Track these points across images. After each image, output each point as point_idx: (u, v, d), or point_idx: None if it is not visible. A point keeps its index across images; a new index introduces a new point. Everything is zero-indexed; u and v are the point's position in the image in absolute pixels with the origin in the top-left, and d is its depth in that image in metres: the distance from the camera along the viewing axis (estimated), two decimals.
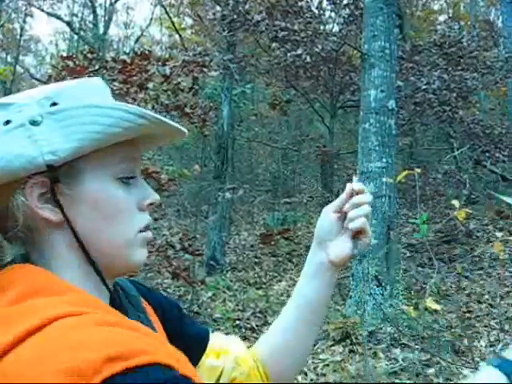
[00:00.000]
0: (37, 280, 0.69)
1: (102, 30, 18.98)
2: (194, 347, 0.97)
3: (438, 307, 2.45)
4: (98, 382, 0.56)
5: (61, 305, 0.65)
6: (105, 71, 4.99)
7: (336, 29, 9.82)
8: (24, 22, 19.55)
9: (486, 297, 6.15)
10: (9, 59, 19.54)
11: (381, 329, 5.18)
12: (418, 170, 2.61)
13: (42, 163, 0.69)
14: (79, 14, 20.92)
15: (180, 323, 0.98)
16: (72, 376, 0.56)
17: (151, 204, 0.80)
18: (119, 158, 0.76)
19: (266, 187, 12.73)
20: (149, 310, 0.91)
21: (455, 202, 2.63)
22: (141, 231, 0.78)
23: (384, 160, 5.72)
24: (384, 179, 5.48)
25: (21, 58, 20.50)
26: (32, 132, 0.70)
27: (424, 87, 8.19)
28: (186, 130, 0.82)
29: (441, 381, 4.14)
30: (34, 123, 0.70)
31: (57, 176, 0.72)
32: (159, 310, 0.94)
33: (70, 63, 5.00)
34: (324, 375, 4.47)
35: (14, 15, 17.69)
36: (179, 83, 5.13)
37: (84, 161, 0.73)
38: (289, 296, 1.09)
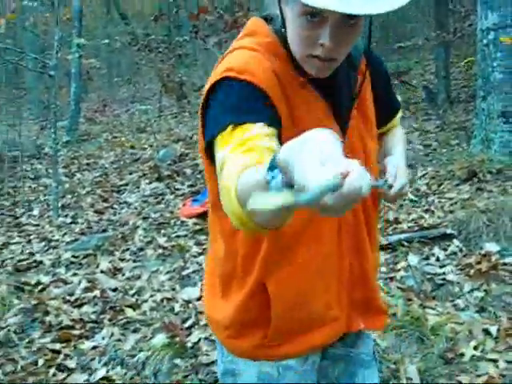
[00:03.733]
0: (253, 26, 1.23)
1: None
2: (384, 113, 1.39)
3: None
4: None
5: (249, 42, 1.18)
6: None
7: None
8: None
9: None
10: None
11: (509, 166, 5.03)
12: None
13: None
14: None
15: (386, 87, 1.40)
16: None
17: (322, 45, 1.07)
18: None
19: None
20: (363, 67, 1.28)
21: None
22: (311, 56, 1.10)
23: None
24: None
25: None
26: None
27: None
28: None
29: None
30: None
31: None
32: (374, 70, 1.31)
33: None
34: (451, 212, 4.47)
35: None
36: None
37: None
38: None
